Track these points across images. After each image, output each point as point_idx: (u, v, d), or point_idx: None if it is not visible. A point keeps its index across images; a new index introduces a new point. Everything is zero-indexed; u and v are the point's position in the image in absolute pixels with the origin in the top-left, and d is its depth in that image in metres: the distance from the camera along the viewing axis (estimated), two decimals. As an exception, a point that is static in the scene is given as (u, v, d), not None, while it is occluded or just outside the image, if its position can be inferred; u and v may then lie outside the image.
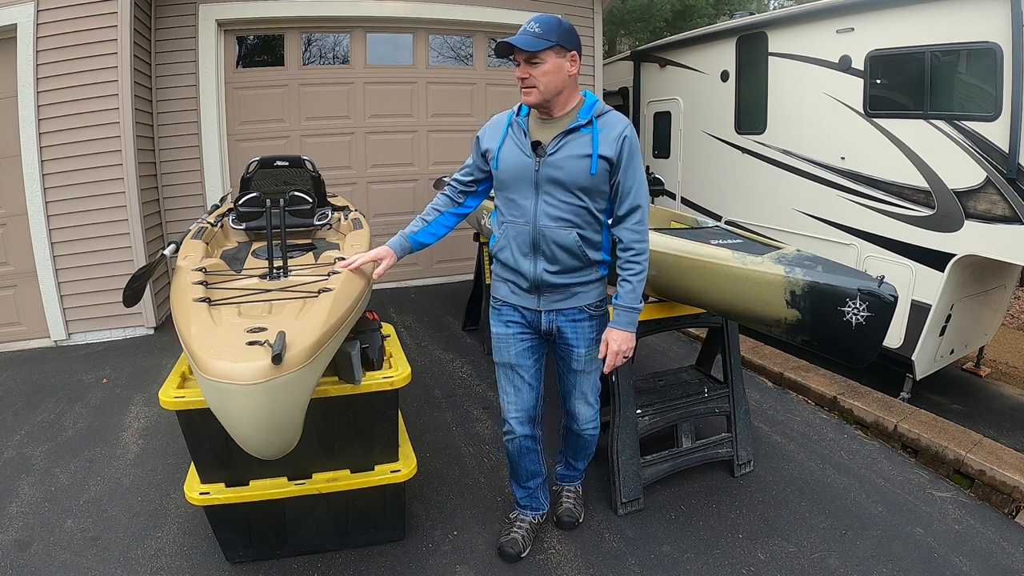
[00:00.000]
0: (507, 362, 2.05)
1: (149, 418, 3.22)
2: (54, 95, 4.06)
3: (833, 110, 4.74)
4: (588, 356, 2.02)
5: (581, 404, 2.12)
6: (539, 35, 1.76)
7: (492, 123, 2.01)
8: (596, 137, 1.82)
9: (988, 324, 4.92)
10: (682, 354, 4.19)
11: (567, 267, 1.90)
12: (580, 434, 2.18)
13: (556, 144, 1.83)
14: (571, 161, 1.82)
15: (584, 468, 2.39)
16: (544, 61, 1.78)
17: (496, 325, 2.07)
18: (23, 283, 4.30)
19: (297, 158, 3.15)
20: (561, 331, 1.99)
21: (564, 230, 1.86)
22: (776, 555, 2.21)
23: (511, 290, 2.01)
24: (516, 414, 2.08)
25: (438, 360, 4.05)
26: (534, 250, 1.90)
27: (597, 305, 2.01)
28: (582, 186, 1.83)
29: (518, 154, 1.88)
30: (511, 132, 1.92)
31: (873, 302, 1.81)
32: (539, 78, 1.79)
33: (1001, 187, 3.72)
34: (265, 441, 1.51)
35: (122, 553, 2.19)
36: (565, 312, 1.97)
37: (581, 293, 1.96)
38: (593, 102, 1.88)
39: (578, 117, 1.85)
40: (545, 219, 1.86)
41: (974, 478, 2.72)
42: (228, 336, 1.56)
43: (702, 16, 12.55)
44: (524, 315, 2.01)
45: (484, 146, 1.99)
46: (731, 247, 2.20)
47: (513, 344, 2.03)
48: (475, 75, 5.86)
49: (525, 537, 2.21)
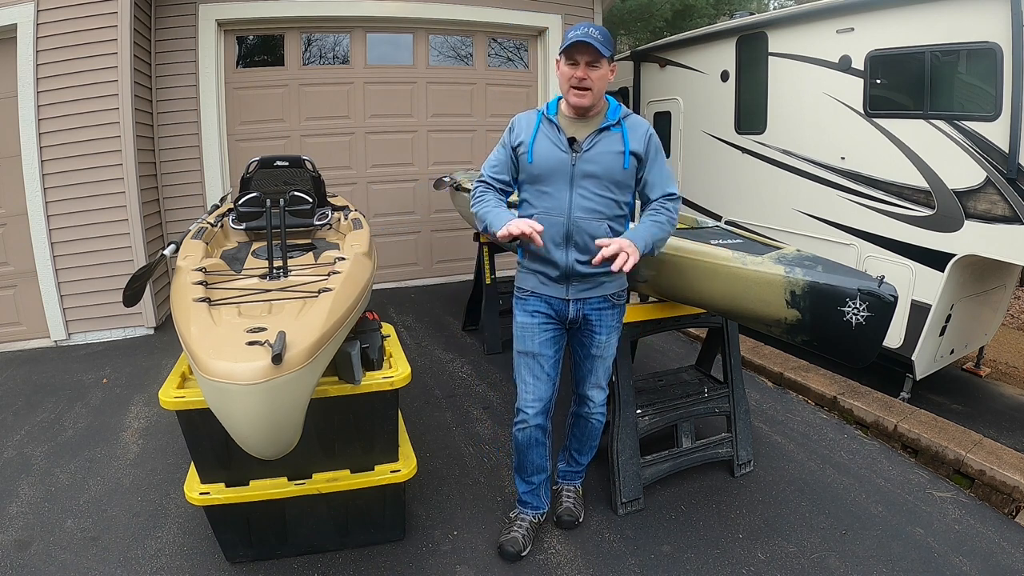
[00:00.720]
0: (530, 351, 2.12)
1: (149, 418, 3.22)
2: (54, 95, 4.06)
3: (833, 110, 4.74)
4: (608, 342, 2.15)
5: (595, 389, 2.23)
6: (603, 43, 1.88)
7: (521, 118, 2.09)
8: (626, 135, 1.97)
9: (988, 324, 4.91)
10: (682, 354, 4.19)
11: None
12: (588, 419, 2.27)
13: (591, 141, 1.97)
14: (606, 156, 1.96)
15: (586, 464, 2.42)
16: (602, 67, 1.92)
17: (521, 315, 2.14)
18: (23, 283, 4.30)
19: (297, 158, 3.15)
20: (587, 318, 2.10)
21: (597, 221, 1.98)
22: (776, 555, 2.21)
23: (540, 281, 2.08)
24: (533, 403, 2.14)
25: (438, 360, 4.05)
26: (567, 241, 1.99)
27: (619, 295, 2.14)
28: (616, 180, 1.98)
29: (554, 149, 1.98)
30: (543, 128, 2.02)
31: (873, 302, 1.81)
32: (596, 81, 1.92)
33: (1001, 187, 3.71)
34: (265, 441, 1.51)
35: (122, 553, 2.19)
36: (591, 301, 2.08)
37: (606, 283, 2.07)
38: (617, 105, 2.04)
39: (607, 117, 2.00)
40: (579, 211, 1.97)
41: (974, 478, 2.72)
42: (228, 336, 1.56)
43: (702, 16, 12.55)
44: (551, 304, 2.09)
45: (517, 140, 2.04)
46: (731, 247, 2.20)
47: (537, 333, 2.10)
48: (475, 75, 5.86)
49: (525, 536, 2.23)
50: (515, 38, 6.03)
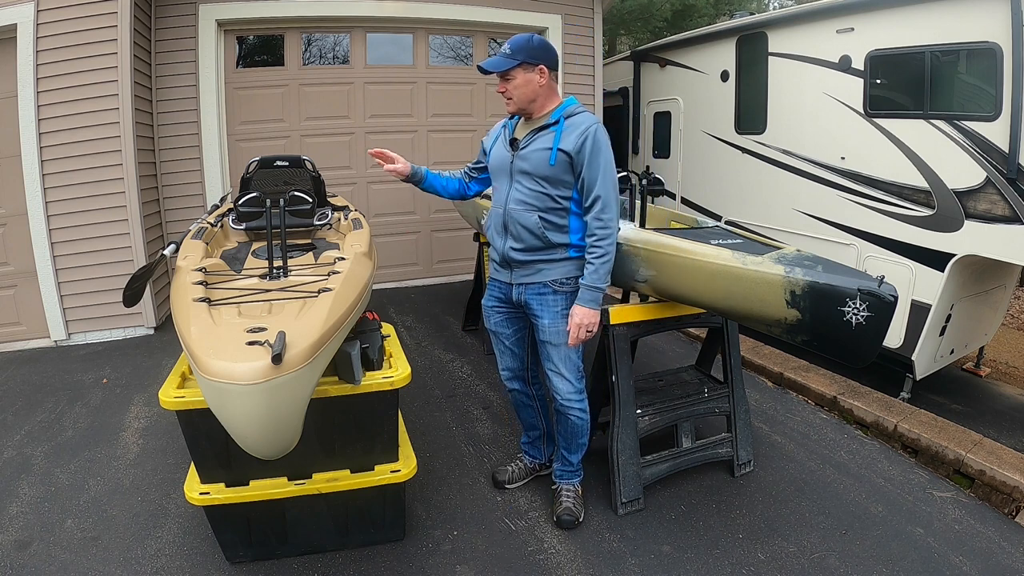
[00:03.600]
0: (491, 329, 2.43)
1: (149, 418, 3.22)
2: (54, 95, 4.06)
3: (833, 110, 4.74)
4: (552, 328, 2.21)
5: (555, 376, 2.27)
6: (508, 55, 2.07)
7: (496, 126, 2.37)
8: (559, 134, 2.08)
9: (988, 324, 4.92)
10: (682, 354, 4.19)
11: (530, 246, 2.16)
12: (562, 412, 2.30)
13: (527, 140, 2.15)
14: (536, 154, 2.11)
15: (578, 463, 2.41)
16: (514, 77, 2.09)
17: (485, 298, 2.44)
18: (23, 283, 4.30)
19: (297, 158, 3.15)
20: (528, 303, 2.25)
21: (527, 212, 2.14)
22: (776, 555, 2.21)
23: (494, 268, 2.35)
24: (504, 371, 2.46)
25: (438, 360, 4.05)
26: (504, 230, 2.21)
27: (562, 282, 2.20)
28: (544, 175, 2.10)
29: (501, 149, 2.24)
30: (503, 132, 2.29)
31: (873, 302, 1.81)
32: (512, 91, 2.12)
33: (1001, 187, 3.72)
34: (265, 441, 1.51)
35: (122, 553, 2.19)
36: (531, 286, 2.22)
37: (545, 270, 2.19)
38: (567, 105, 2.14)
39: (550, 118, 2.13)
40: (513, 203, 2.17)
41: (974, 478, 2.72)
42: (228, 336, 1.56)
43: (702, 16, 12.54)
44: (502, 288, 2.33)
45: (485, 145, 2.38)
46: (731, 247, 2.20)
47: (492, 315, 2.39)
48: (475, 75, 5.85)
49: (516, 472, 2.59)
50: (515, 38, 6.03)
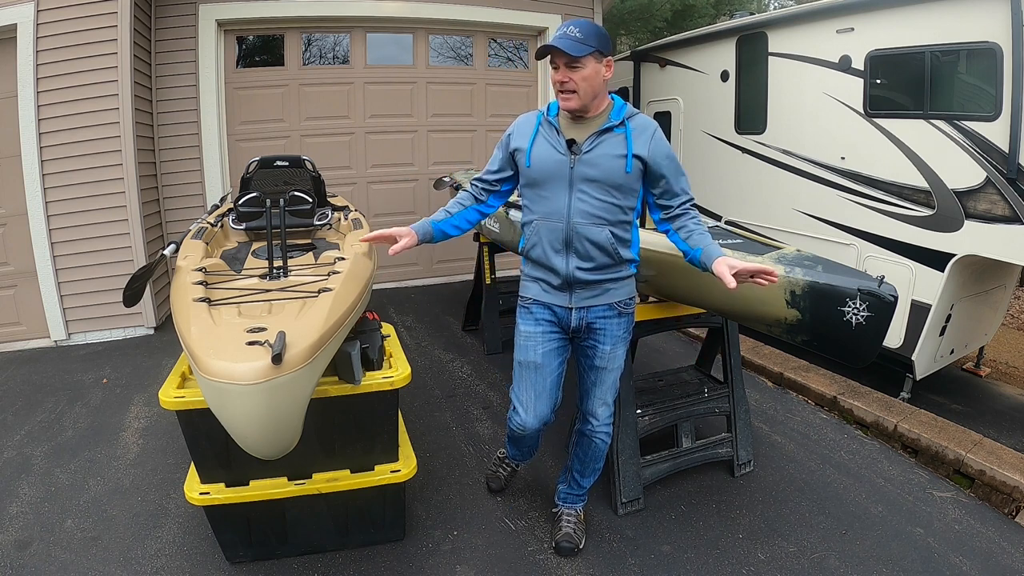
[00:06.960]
0: (532, 361, 2.02)
1: (149, 418, 3.22)
2: (54, 95, 4.06)
3: (833, 110, 4.74)
4: (612, 353, 2.03)
5: (599, 404, 2.09)
6: (580, 40, 1.78)
7: (520, 122, 2.01)
8: (630, 137, 1.85)
9: (988, 324, 4.91)
10: (682, 354, 4.19)
11: (600, 264, 1.92)
12: (592, 437, 2.11)
13: (591, 143, 1.86)
14: (607, 160, 1.85)
15: (588, 487, 2.28)
16: (584, 66, 1.80)
17: (524, 324, 2.05)
18: (23, 283, 4.30)
19: (297, 158, 3.15)
20: (591, 327, 2.00)
21: (597, 227, 1.88)
22: (776, 555, 2.21)
23: (543, 288, 2.01)
24: (530, 419, 2.05)
25: (438, 360, 4.05)
26: (566, 247, 1.91)
27: (626, 303, 2.02)
28: (617, 183, 1.86)
29: (552, 152, 1.89)
30: (542, 130, 1.93)
31: (873, 302, 1.81)
32: (579, 83, 1.81)
33: (1001, 187, 3.71)
34: (265, 441, 1.51)
35: (122, 553, 2.19)
36: (595, 309, 1.98)
37: (612, 290, 1.98)
38: (622, 104, 1.91)
39: (610, 118, 1.88)
40: (579, 216, 1.88)
41: (974, 478, 2.72)
42: (228, 336, 1.56)
43: (702, 16, 12.53)
44: (556, 313, 2.00)
45: (514, 145, 1.98)
46: (731, 247, 2.20)
47: (541, 343, 2.01)
48: (475, 75, 5.86)
49: (506, 476, 2.57)
50: (515, 38, 6.03)
